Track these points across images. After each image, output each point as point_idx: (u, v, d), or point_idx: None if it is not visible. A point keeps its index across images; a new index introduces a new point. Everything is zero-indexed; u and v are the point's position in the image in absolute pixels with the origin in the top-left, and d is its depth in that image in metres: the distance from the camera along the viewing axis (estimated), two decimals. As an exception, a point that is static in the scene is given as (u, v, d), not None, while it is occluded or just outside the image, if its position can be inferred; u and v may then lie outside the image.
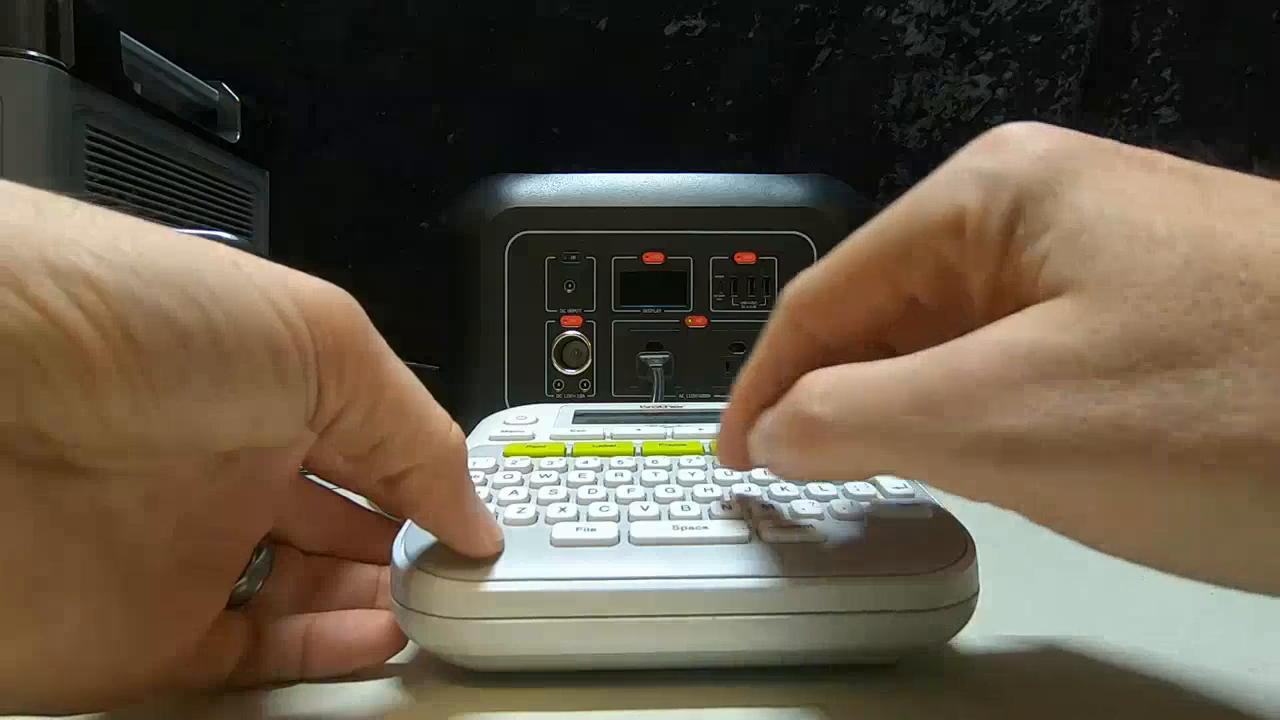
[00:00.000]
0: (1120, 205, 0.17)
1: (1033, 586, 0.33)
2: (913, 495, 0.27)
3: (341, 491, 0.28)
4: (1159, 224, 0.17)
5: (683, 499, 0.27)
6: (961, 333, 0.20)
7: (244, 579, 0.24)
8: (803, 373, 0.22)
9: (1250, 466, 0.15)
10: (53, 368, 0.15)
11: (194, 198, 0.64)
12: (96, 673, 0.19)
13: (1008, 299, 0.19)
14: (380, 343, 0.20)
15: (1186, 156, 0.20)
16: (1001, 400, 0.17)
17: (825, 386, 0.20)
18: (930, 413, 0.18)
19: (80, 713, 0.21)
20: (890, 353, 0.22)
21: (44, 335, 0.15)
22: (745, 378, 0.24)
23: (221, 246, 0.18)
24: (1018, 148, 0.19)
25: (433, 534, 0.24)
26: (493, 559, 0.24)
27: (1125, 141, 0.19)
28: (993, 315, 0.19)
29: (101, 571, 0.18)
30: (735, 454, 0.25)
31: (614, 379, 0.56)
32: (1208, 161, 0.19)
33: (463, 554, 0.23)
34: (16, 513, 0.16)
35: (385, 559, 0.26)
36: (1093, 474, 0.16)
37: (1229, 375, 0.15)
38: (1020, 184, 0.19)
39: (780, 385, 0.22)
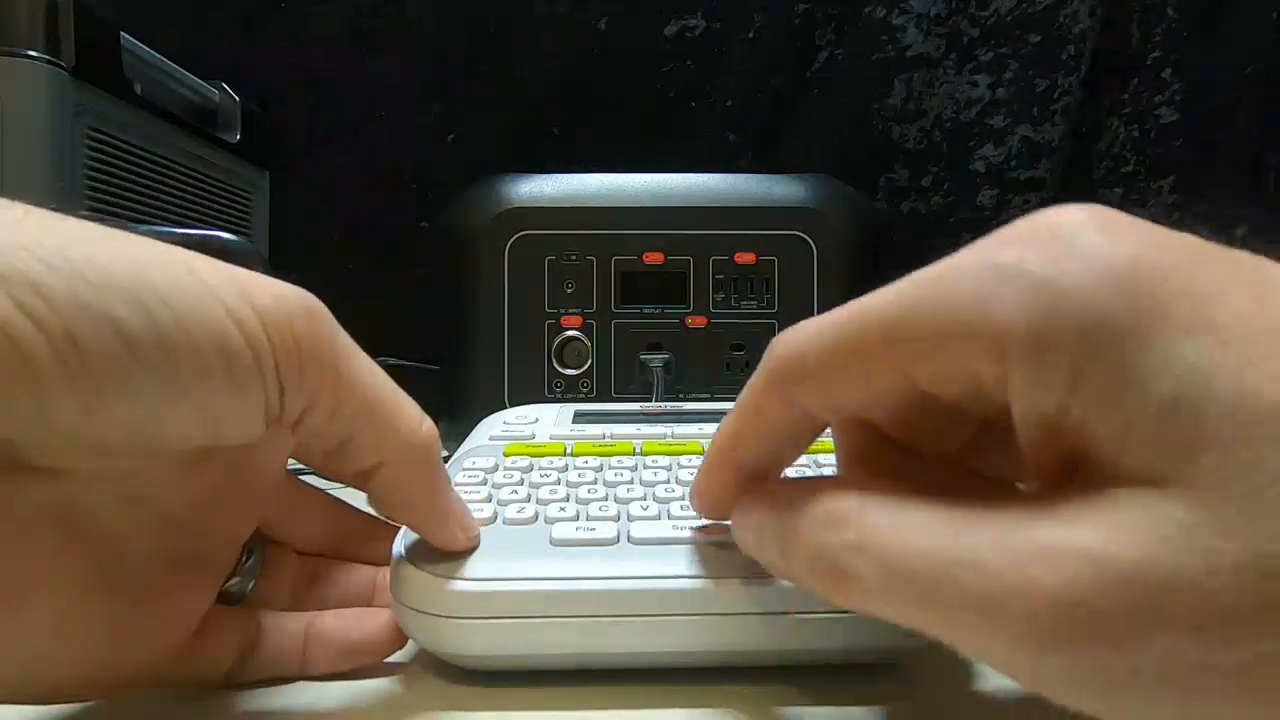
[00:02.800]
0: (1233, 364, 0.14)
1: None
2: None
3: (336, 492, 0.28)
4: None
5: (682, 499, 0.27)
6: (996, 437, 0.18)
7: (236, 578, 0.25)
8: (788, 440, 0.21)
9: None
10: None
11: (194, 198, 0.64)
12: (77, 663, 0.20)
13: (1070, 440, 0.15)
14: (344, 342, 0.21)
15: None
16: (1095, 626, 0.14)
17: (858, 536, 0.17)
18: (998, 620, 0.14)
19: (65, 700, 0.22)
20: (889, 436, 0.20)
21: None
22: (728, 427, 0.22)
23: (179, 252, 0.19)
24: (1084, 253, 0.15)
25: (406, 526, 0.24)
26: (479, 557, 0.24)
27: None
28: (1044, 448, 0.16)
29: (73, 567, 0.19)
30: (713, 508, 0.23)
31: (614, 379, 0.56)
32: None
33: (436, 547, 0.24)
34: None
35: (380, 560, 0.26)
36: (1211, 712, 0.14)
37: None
38: (1090, 311, 0.15)
39: (768, 452, 0.21)
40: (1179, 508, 0.14)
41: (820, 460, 0.30)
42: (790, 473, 0.23)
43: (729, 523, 0.25)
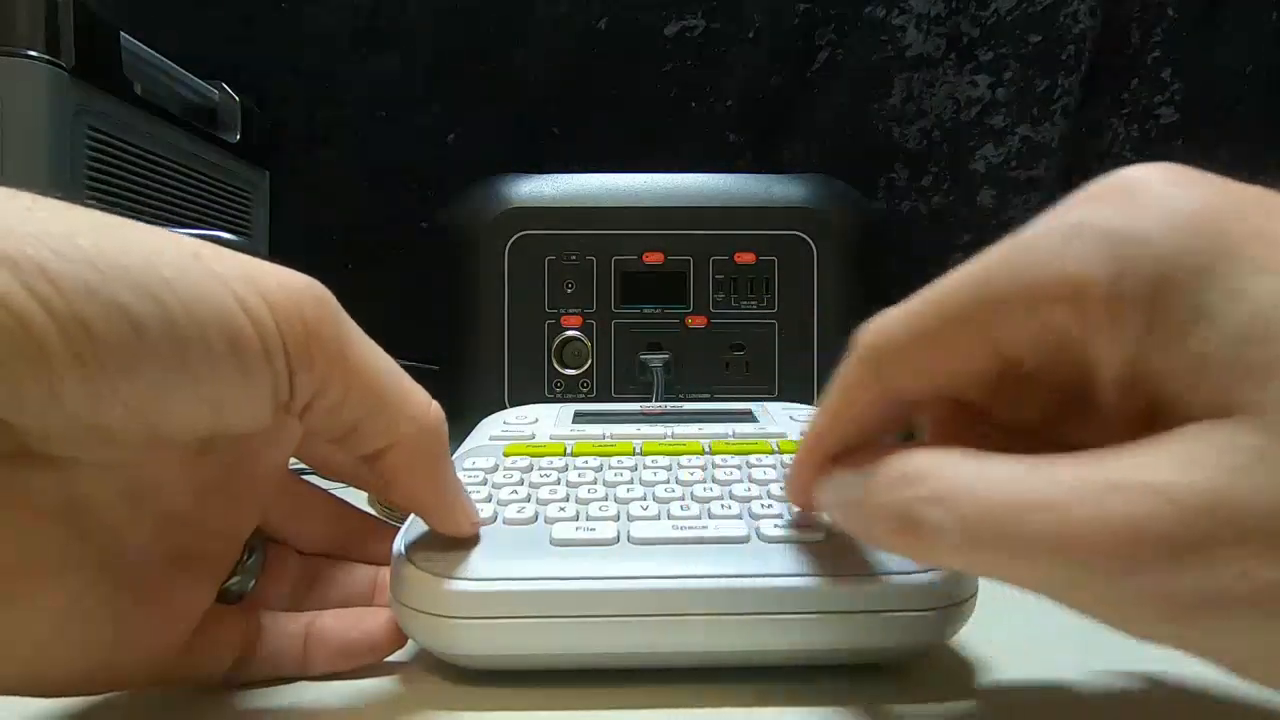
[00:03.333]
0: None
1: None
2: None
3: (338, 492, 0.28)
4: None
5: (682, 499, 0.27)
6: (1071, 396, 0.18)
7: (236, 576, 0.25)
8: (879, 424, 0.21)
9: None
10: (9, 357, 0.16)
11: (194, 198, 0.64)
12: (78, 656, 0.20)
13: (1148, 386, 0.16)
14: (351, 327, 0.21)
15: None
16: (1172, 558, 0.14)
17: (935, 490, 0.17)
18: (1077, 559, 0.15)
19: (63, 695, 0.22)
20: (971, 407, 0.21)
21: (1, 326, 0.16)
22: (819, 423, 0.22)
23: (186, 240, 0.19)
24: (1154, 203, 0.16)
25: (410, 511, 0.24)
26: (479, 557, 0.24)
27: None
28: (1125, 398, 0.17)
29: (76, 558, 0.19)
30: (803, 497, 0.23)
31: (614, 379, 0.56)
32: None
33: (439, 533, 0.24)
34: None
35: (380, 560, 0.26)
36: None
37: None
38: (1163, 255, 0.15)
39: (856, 437, 0.21)
40: (1250, 435, 0.14)
41: None
42: None
43: (728, 521, 0.25)
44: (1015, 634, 0.27)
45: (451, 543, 0.24)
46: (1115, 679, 0.25)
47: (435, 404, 0.23)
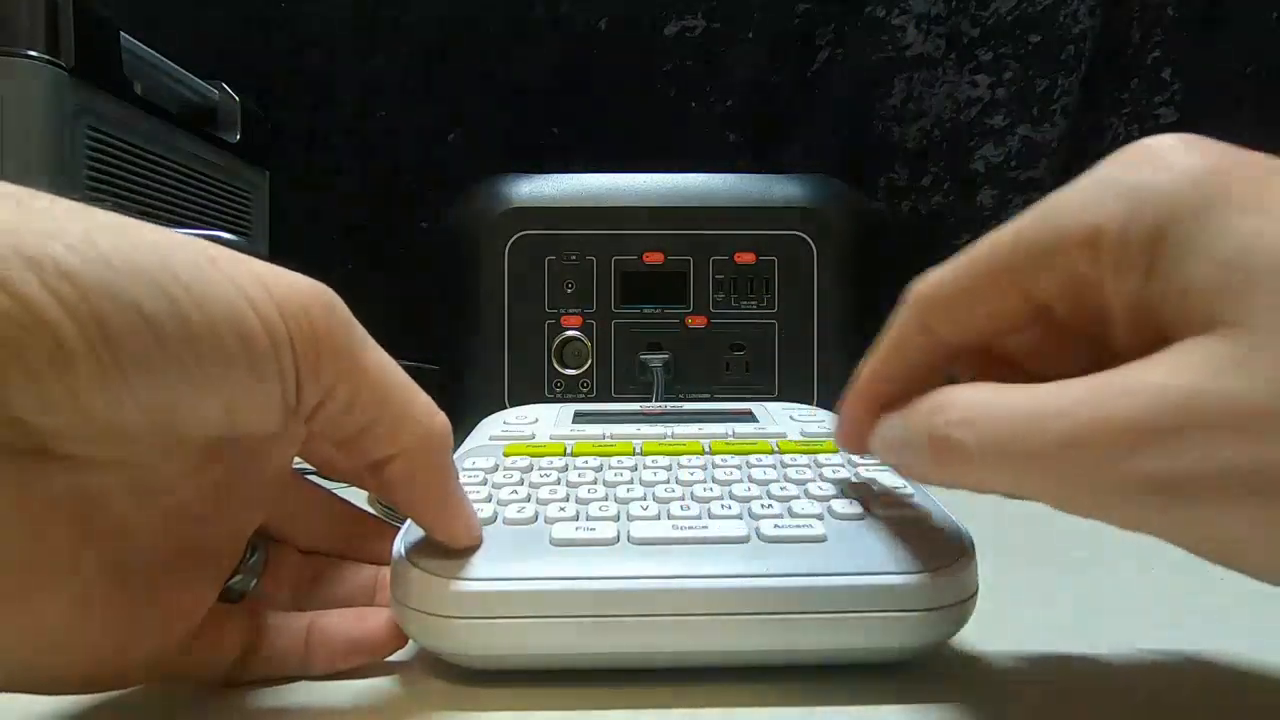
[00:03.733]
0: (1277, 230, 0.17)
1: (1031, 585, 0.33)
2: (912, 495, 0.27)
3: (339, 492, 0.28)
4: None
5: (682, 499, 0.27)
6: (1097, 347, 0.20)
7: (238, 575, 0.25)
8: (925, 371, 0.23)
9: None
10: (29, 354, 0.16)
11: (194, 198, 0.64)
12: (84, 654, 0.20)
13: (1152, 320, 0.18)
14: (360, 334, 0.21)
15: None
16: (1160, 445, 0.17)
17: (965, 411, 0.20)
18: (1079, 453, 0.17)
19: (68, 693, 0.22)
20: (1010, 360, 0.24)
21: (21, 323, 0.16)
22: (869, 370, 0.24)
23: (198, 242, 0.19)
24: (1165, 161, 0.19)
25: (412, 519, 0.24)
26: (479, 557, 0.24)
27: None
28: (1135, 335, 0.19)
29: (86, 556, 0.19)
30: (855, 441, 0.25)
31: (614, 379, 0.56)
32: None
33: (440, 542, 0.24)
34: None
35: (381, 559, 0.26)
36: (1256, 511, 0.16)
37: None
38: (1166, 201, 0.18)
39: (904, 383, 0.23)
40: (1228, 344, 0.17)
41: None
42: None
43: (728, 521, 0.25)
44: (1015, 634, 0.27)
45: (451, 543, 0.24)
46: (1115, 678, 0.25)
47: (441, 415, 0.23)
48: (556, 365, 0.56)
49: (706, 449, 0.32)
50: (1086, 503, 0.18)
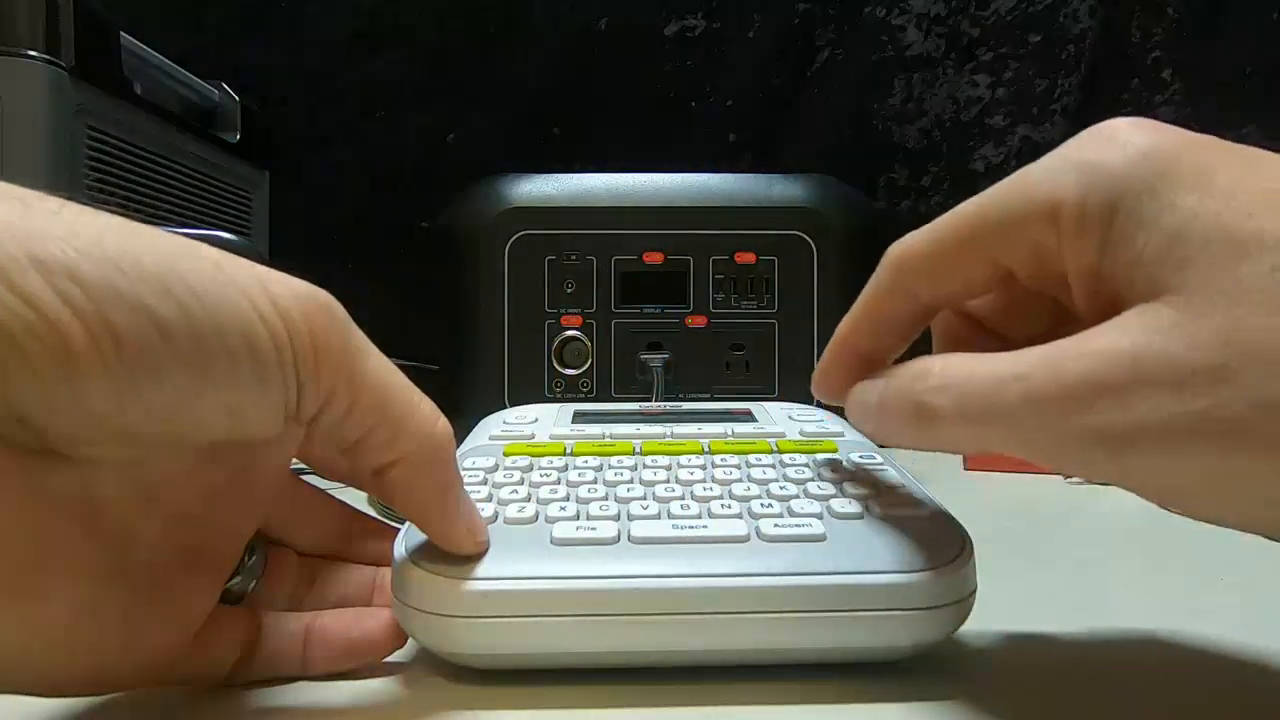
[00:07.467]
0: (1216, 209, 0.18)
1: (1030, 583, 0.33)
2: (911, 494, 0.27)
3: (338, 493, 0.28)
4: (1251, 229, 0.18)
5: (682, 498, 0.27)
6: (1058, 310, 0.23)
7: (238, 577, 0.25)
8: (899, 327, 0.25)
9: None
10: (37, 356, 0.16)
11: (194, 198, 0.64)
12: (87, 656, 0.20)
13: (1106, 288, 0.20)
14: (361, 340, 0.21)
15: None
16: (1107, 400, 0.18)
17: (940, 379, 0.21)
18: (1040, 411, 0.19)
19: (71, 695, 0.22)
20: (978, 320, 0.26)
21: (29, 325, 0.16)
22: (849, 325, 0.26)
23: (205, 247, 0.19)
24: (1120, 142, 0.20)
25: (415, 526, 0.24)
26: (479, 557, 0.24)
27: None
28: (1092, 300, 0.20)
29: (90, 557, 0.19)
30: (831, 389, 0.26)
31: (614, 379, 0.56)
32: None
33: (443, 549, 0.24)
34: (3, 495, 0.17)
35: (380, 560, 0.26)
36: (1193, 459, 0.18)
37: None
38: (1118, 179, 0.19)
39: (879, 338, 0.25)
40: (1168, 310, 0.18)
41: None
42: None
43: (728, 521, 0.25)
44: (1015, 633, 0.27)
45: (451, 542, 0.24)
46: (1115, 677, 0.25)
47: (444, 421, 0.23)
48: (556, 365, 0.56)
49: (706, 449, 0.32)
50: (1046, 455, 0.20)
